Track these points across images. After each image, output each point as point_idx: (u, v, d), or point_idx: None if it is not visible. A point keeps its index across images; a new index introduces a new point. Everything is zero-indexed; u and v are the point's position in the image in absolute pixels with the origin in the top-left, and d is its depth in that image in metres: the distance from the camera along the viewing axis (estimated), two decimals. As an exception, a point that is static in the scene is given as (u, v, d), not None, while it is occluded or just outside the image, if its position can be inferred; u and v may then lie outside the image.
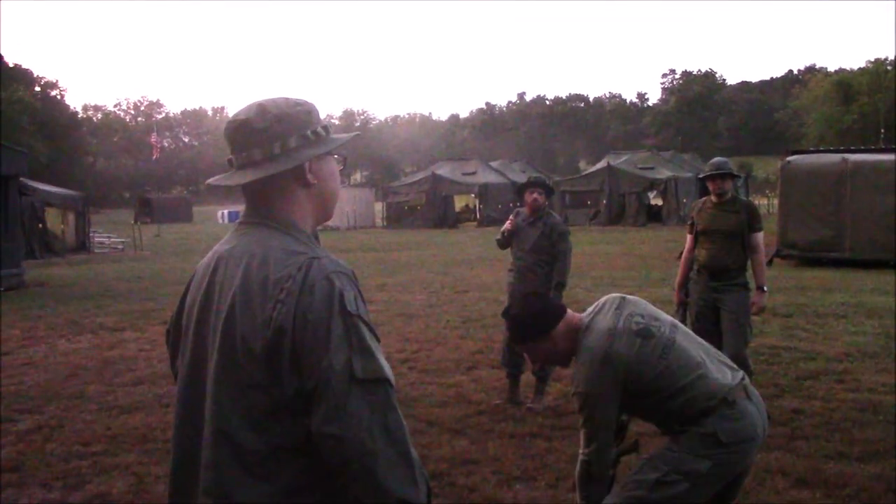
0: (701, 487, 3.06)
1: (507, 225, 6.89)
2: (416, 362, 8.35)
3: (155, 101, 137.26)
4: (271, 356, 1.64)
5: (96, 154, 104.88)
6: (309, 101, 1.86)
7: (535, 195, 6.75)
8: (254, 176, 1.76)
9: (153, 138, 63.14)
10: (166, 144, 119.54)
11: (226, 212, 57.02)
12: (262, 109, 1.79)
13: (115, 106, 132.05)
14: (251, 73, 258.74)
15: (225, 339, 1.69)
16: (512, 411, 6.55)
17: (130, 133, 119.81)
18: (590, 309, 3.33)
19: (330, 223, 2.38)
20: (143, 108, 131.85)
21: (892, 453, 5.35)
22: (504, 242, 6.96)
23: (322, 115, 1.90)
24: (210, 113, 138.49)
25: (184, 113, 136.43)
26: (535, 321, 3.25)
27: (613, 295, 3.36)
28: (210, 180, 1.91)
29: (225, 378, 1.69)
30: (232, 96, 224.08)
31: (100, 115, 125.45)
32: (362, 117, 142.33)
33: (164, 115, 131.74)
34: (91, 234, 29.61)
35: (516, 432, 5.99)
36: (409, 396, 6.87)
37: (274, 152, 1.77)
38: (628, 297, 3.34)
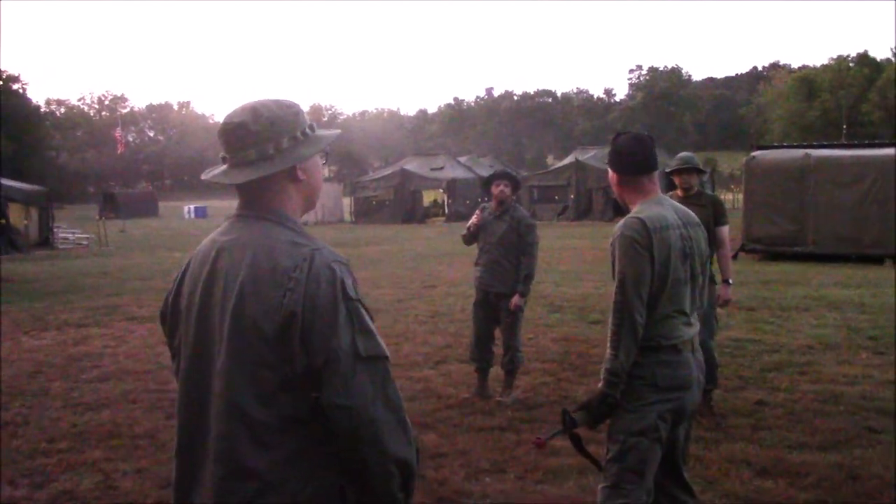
0: (658, 436, 3.23)
1: (473, 219, 6.92)
2: (384, 357, 8.33)
3: (119, 95, 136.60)
4: (282, 337, 1.82)
5: (60, 148, 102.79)
6: (295, 101, 2.04)
7: (500, 187, 6.80)
8: (251, 175, 1.94)
9: (117, 133, 62.46)
10: (131, 139, 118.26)
11: (192, 207, 56.49)
12: (255, 113, 1.96)
13: (79, 100, 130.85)
14: (217, 69, 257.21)
15: (236, 323, 1.86)
16: (481, 405, 6.59)
17: (94, 127, 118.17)
18: (671, 197, 3.49)
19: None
20: (107, 103, 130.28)
21: (852, 443, 5.47)
22: (470, 238, 6.97)
23: None
24: (175, 107, 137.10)
25: (149, 107, 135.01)
26: (622, 157, 3.44)
27: (694, 216, 3.48)
28: (206, 176, 2.06)
29: (237, 358, 1.86)
30: (198, 91, 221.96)
31: (63, 110, 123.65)
32: (330, 112, 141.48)
33: (128, 109, 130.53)
34: (54, 230, 29.18)
35: (485, 426, 6.03)
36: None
37: (268, 153, 1.95)
38: (699, 225, 3.46)
